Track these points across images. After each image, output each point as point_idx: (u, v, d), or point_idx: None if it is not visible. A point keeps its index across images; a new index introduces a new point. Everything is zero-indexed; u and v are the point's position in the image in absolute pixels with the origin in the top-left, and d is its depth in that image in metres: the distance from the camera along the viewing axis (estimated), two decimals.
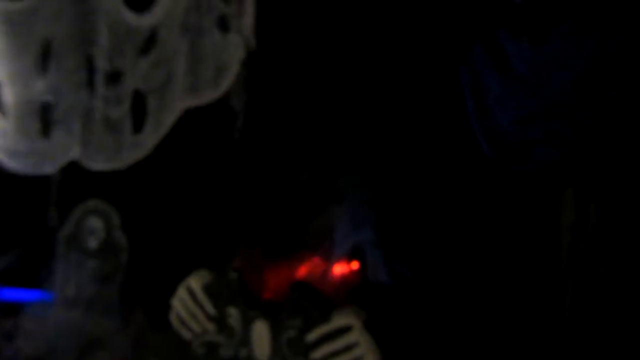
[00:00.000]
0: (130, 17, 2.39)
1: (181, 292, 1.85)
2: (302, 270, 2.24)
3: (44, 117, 2.48)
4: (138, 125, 2.42)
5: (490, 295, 2.05)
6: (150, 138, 2.45)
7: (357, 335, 1.69)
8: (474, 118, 2.21)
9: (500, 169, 2.09)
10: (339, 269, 2.23)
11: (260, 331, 1.76)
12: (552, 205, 2.17)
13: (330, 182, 2.21)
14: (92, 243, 2.50)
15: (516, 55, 2.22)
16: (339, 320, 1.72)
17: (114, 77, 2.44)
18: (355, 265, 2.22)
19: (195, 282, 1.87)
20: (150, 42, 2.40)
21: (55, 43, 2.43)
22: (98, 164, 2.45)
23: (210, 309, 1.83)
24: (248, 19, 2.35)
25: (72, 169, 2.45)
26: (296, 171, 2.26)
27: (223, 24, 2.36)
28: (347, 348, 1.70)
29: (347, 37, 2.24)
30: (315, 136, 2.18)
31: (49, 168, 2.49)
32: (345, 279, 2.21)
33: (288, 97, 2.32)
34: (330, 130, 2.17)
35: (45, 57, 2.44)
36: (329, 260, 2.25)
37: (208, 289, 1.85)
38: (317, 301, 1.76)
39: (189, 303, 1.85)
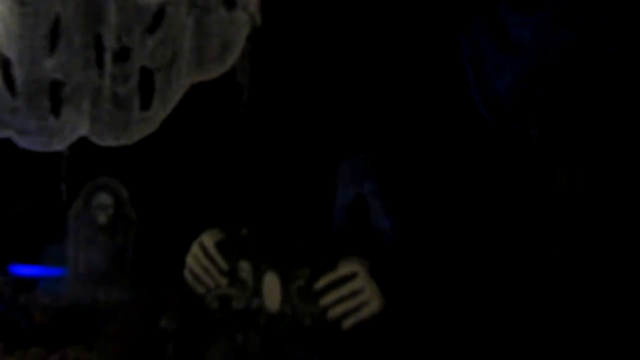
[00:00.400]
0: None
1: (195, 249, 1.89)
2: None
3: (53, 95, 2.52)
4: (146, 102, 2.47)
5: (486, 245, 2.11)
6: (157, 114, 2.50)
7: (361, 281, 1.77)
8: (473, 84, 2.30)
9: (496, 131, 2.18)
10: None
11: (271, 282, 1.81)
12: (545, 168, 2.24)
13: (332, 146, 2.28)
14: (102, 219, 2.54)
15: (515, 24, 2.29)
16: (344, 268, 1.79)
17: (122, 55, 2.49)
18: None
19: (208, 239, 1.91)
20: (157, 19, 2.46)
21: (64, 22, 2.48)
22: (107, 140, 2.50)
23: (222, 263, 1.87)
24: None
25: (81, 146, 2.49)
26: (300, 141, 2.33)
27: (229, 1, 2.43)
28: (353, 294, 1.78)
29: (350, 8, 2.32)
30: (319, 101, 2.25)
31: (59, 145, 2.54)
32: None
33: (292, 70, 2.39)
34: (333, 94, 2.24)
35: (54, 36, 2.49)
36: None
37: (220, 246, 1.89)
38: (323, 251, 1.81)
39: (202, 259, 1.89)
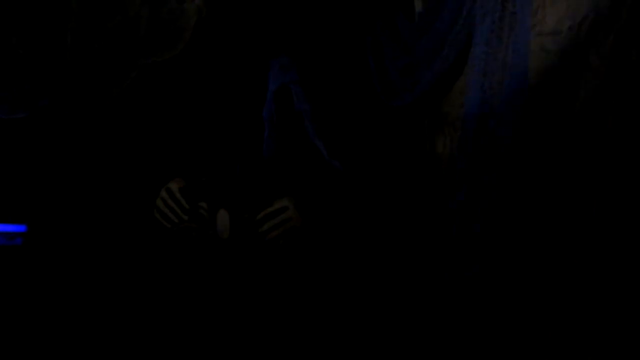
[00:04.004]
0: None
1: (162, 194, 2.39)
2: None
3: (17, 68, 2.84)
4: (106, 78, 2.86)
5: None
6: (113, 90, 2.91)
7: (290, 213, 2.44)
8: (373, 71, 2.96)
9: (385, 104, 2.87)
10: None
11: (223, 216, 2.36)
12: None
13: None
14: None
15: (403, 27, 2.96)
16: (277, 204, 2.45)
17: (82, 35, 2.86)
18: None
19: (174, 185, 2.42)
20: (115, 6, 2.86)
21: (28, 5, 2.82)
22: (67, 110, 2.87)
23: (185, 204, 2.38)
24: None
25: None
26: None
27: None
28: (284, 221, 2.45)
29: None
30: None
31: (22, 114, 2.87)
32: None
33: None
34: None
35: (19, 14, 2.81)
36: None
37: (182, 190, 2.41)
38: (262, 193, 2.42)
39: (168, 201, 2.39)
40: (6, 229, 2.96)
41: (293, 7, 3.01)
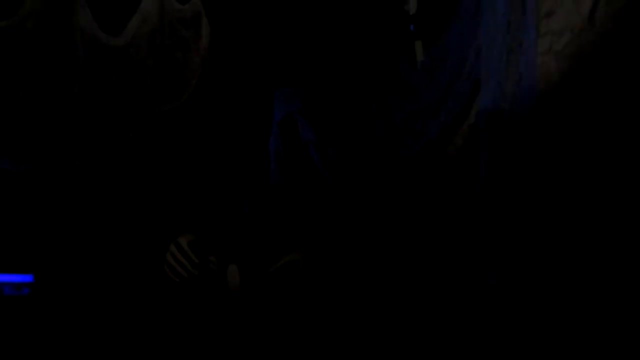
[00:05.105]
0: (104, 37, 2.86)
1: (172, 248, 2.40)
2: None
3: (24, 121, 2.86)
4: (112, 129, 2.88)
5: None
6: (122, 140, 2.93)
7: (301, 266, 2.47)
8: (377, 117, 2.99)
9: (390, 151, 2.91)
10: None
11: (233, 270, 2.37)
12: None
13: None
14: None
15: (406, 75, 3.00)
16: (287, 258, 2.48)
17: (89, 87, 2.88)
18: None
19: (182, 239, 2.43)
20: (120, 58, 2.89)
21: (36, 56, 2.84)
22: (74, 161, 2.88)
23: (194, 258, 2.39)
24: (204, 42, 2.94)
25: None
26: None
27: (184, 46, 2.93)
28: (295, 276, 2.49)
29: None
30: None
31: (28, 165, 2.88)
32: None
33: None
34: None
35: (26, 69, 2.83)
36: None
37: (192, 244, 2.42)
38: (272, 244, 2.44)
39: (177, 255, 2.40)
40: (14, 279, 2.96)
41: (296, 38, 3.05)
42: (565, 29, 1.73)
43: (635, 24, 1.75)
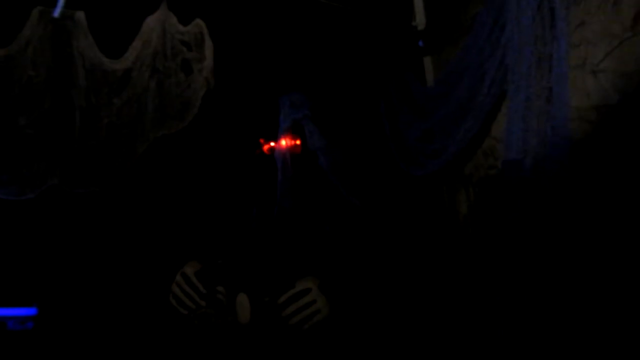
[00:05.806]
0: (105, 62, 2.80)
1: (178, 279, 2.28)
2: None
3: (26, 149, 2.79)
4: (114, 153, 2.80)
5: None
6: (124, 165, 2.85)
7: (314, 295, 2.27)
8: (389, 136, 2.88)
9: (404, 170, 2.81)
10: (286, 141, 2.89)
11: (242, 301, 2.25)
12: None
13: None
14: None
15: (417, 92, 2.90)
16: (300, 285, 2.25)
17: (91, 113, 2.82)
18: (297, 140, 2.90)
19: (189, 269, 2.31)
20: (123, 82, 2.82)
21: (36, 83, 2.78)
22: (77, 189, 2.80)
23: (201, 288, 2.27)
24: (208, 63, 2.86)
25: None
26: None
27: (186, 67, 2.85)
28: (307, 305, 2.29)
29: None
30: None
31: (31, 194, 2.81)
32: (291, 149, 2.87)
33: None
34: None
35: (27, 95, 2.77)
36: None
37: (199, 274, 2.30)
38: (283, 274, 2.30)
39: (184, 286, 2.28)
40: (17, 312, 2.87)
41: (303, 44, 2.97)
42: (601, 39, 1.62)
43: None
